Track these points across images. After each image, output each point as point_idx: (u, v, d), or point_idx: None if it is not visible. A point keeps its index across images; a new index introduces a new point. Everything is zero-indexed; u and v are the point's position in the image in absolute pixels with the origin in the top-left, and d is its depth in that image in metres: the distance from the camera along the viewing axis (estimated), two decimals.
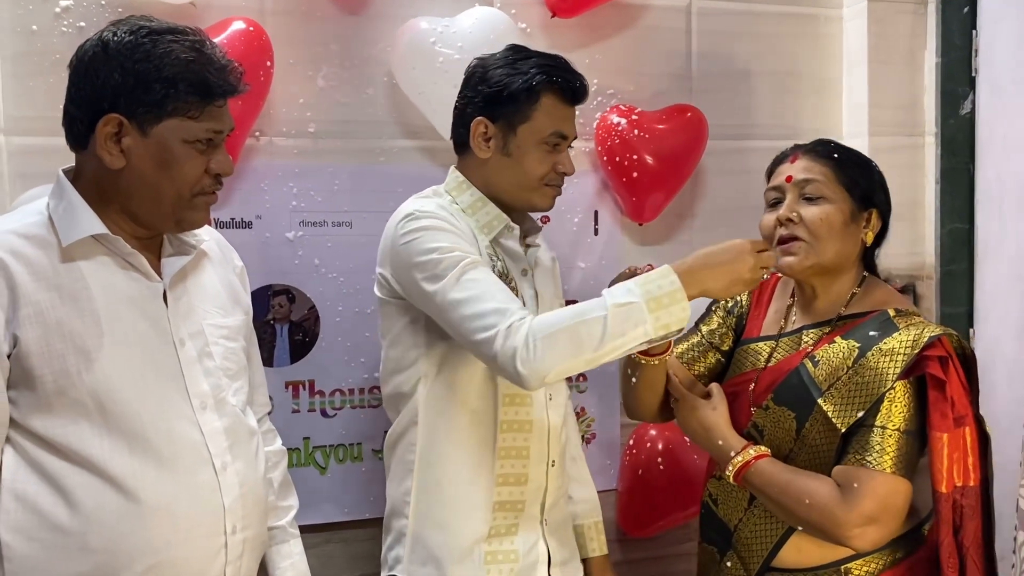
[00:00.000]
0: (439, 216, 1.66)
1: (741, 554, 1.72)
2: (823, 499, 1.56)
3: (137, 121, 1.38)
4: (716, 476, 1.78)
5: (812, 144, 1.74)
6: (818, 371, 1.64)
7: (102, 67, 1.37)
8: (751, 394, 1.73)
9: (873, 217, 1.71)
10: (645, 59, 2.41)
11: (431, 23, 2.12)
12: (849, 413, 1.59)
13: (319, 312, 2.18)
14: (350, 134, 2.19)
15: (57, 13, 1.98)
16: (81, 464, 1.37)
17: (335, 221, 2.19)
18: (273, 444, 1.76)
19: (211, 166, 1.44)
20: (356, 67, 2.19)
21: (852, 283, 1.73)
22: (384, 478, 2.20)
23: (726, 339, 1.85)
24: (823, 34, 2.57)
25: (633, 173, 2.28)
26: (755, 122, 2.52)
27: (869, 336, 1.63)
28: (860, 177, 1.70)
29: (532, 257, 1.83)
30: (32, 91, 1.97)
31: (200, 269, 1.56)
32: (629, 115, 2.30)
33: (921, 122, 2.56)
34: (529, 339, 1.48)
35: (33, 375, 1.35)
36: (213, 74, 1.40)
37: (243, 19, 2.02)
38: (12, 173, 1.96)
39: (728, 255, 1.56)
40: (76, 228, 1.39)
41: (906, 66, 2.54)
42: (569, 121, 1.75)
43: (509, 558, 1.72)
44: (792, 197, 1.69)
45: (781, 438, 1.67)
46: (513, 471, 1.72)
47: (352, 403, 2.22)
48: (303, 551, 1.75)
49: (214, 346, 1.52)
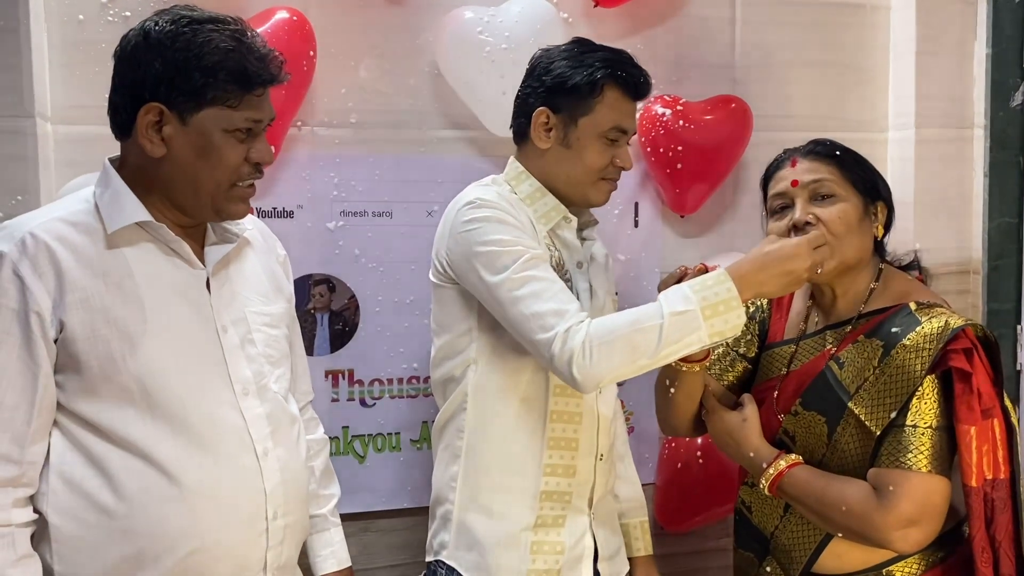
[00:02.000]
0: (500, 207, 1.65)
1: (780, 560, 1.70)
2: (860, 504, 1.54)
3: (177, 110, 1.38)
4: (748, 483, 1.76)
5: (809, 145, 1.71)
6: (844, 373, 1.62)
7: (143, 56, 1.38)
8: (776, 400, 1.71)
9: (880, 209, 1.69)
10: (688, 49, 2.39)
11: (476, 12, 2.11)
12: (881, 414, 1.57)
13: (359, 302, 2.19)
14: (392, 124, 2.19)
15: (103, 3, 1.99)
16: (125, 448, 1.39)
17: (376, 211, 2.19)
18: (315, 432, 1.77)
19: (251, 155, 1.44)
20: (399, 57, 2.18)
21: (870, 278, 1.70)
22: (421, 467, 2.23)
23: (751, 346, 1.82)
24: (870, 24, 2.53)
25: (677, 164, 2.25)
26: (799, 113, 2.48)
27: (892, 333, 1.60)
28: (863, 171, 1.68)
29: (588, 251, 1.81)
30: (78, 80, 1.98)
31: (243, 257, 1.57)
32: (674, 105, 2.28)
33: (970, 114, 2.51)
34: (587, 345, 1.49)
35: (79, 360, 1.37)
36: (252, 63, 1.40)
37: (287, 8, 2.02)
38: (59, 161, 1.98)
39: (785, 254, 1.55)
40: (121, 215, 1.41)
41: (955, 57, 2.49)
42: (630, 116, 1.74)
43: (555, 549, 1.71)
44: (802, 201, 1.65)
45: (813, 444, 1.65)
46: (561, 462, 1.71)
47: (391, 393, 2.22)
48: (344, 539, 1.76)
49: (256, 333, 1.53)
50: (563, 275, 1.70)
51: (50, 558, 1.39)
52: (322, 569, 1.73)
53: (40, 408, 1.37)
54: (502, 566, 1.69)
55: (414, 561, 2.26)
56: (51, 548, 1.39)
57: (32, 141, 1.90)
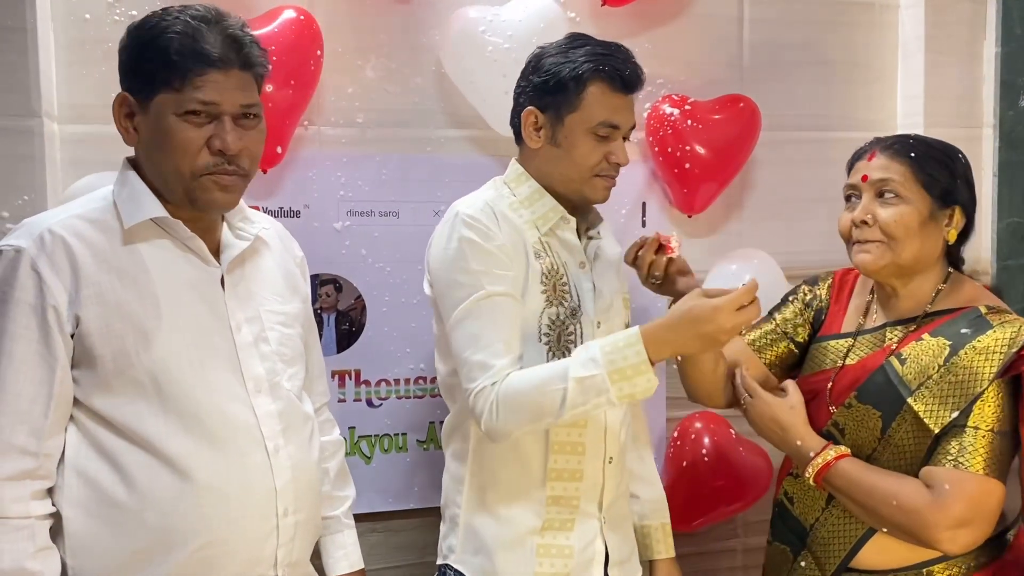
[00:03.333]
0: (481, 226, 1.65)
1: (816, 554, 1.69)
2: (912, 501, 1.53)
3: (137, 97, 1.42)
4: (793, 474, 1.75)
5: (892, 140, 1.68)
6: (906, 369, 1.60)
7: (122, 49, 1.44)
8: (829, 392, 1.69)
9: (956, 214, 1.65)
10: (696, 48, 2.38)
11: (481, 12, 2.10)
12: (942, 413, 1.56)
13: (366, 302, 2.18)
14: (398, 123, 2.18)
15: (110, 2, 1.99)
16: (138, 443, 1.40)
17: (382, 211, 2.18)
18: (331, 434, 1.77)
19: (211, 142, 1.41)
20: (405, 56, 2.18)
21: (936, 280, 1.68)
22: (428, 468, 2.22)
23: (801, 330, 1.81)
24: (879, 22, 2.52)
25: (685, 164, 2.25)
26: (808, 112, 2.47)
27: (961, 334, 1.58)
28: (940, 174, 1.63)
29: (593, 250, 1.80)
30: (85, 79, 1.98)
31: (259, 256, 1.58)
32: (682, 105, 2.27)
33: (979, 114, 2.50)
34: (494, 406, 1.56)
35: (94, 355, 1.39)
36: (201, 44, 1.38)
37: (294, 7, 2.01)
38: (65, 160, 1.98)
39: (701, 316, 1.49)
40: (137, 211, 1.44)
41: (964, 56, 2.49)
42: (621, 111, 1.69)
43: (563, 553, 1.70)
44: (868, 197, 1.65)
45: (864, 437, 1.64)
46: (568, 467, 1.70)
47: (398, 393, 2.22)
48: (357, 541, 1.76)
49: (270, 331, 1.55)
50: (559, 279, 1.70)
51: (63, 552, 1.40)
52: (335, 570, 1.73)
53: (57, 401, 1.38)
54: (508, 570, 1.69)
55: (420, 562, 2.26)
56: (64, 542, 1.40)
57: (39, 140, 1.89)
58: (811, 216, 2.47)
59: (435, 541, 2.27)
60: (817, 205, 2.46)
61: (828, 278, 1.85)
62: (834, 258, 2.00)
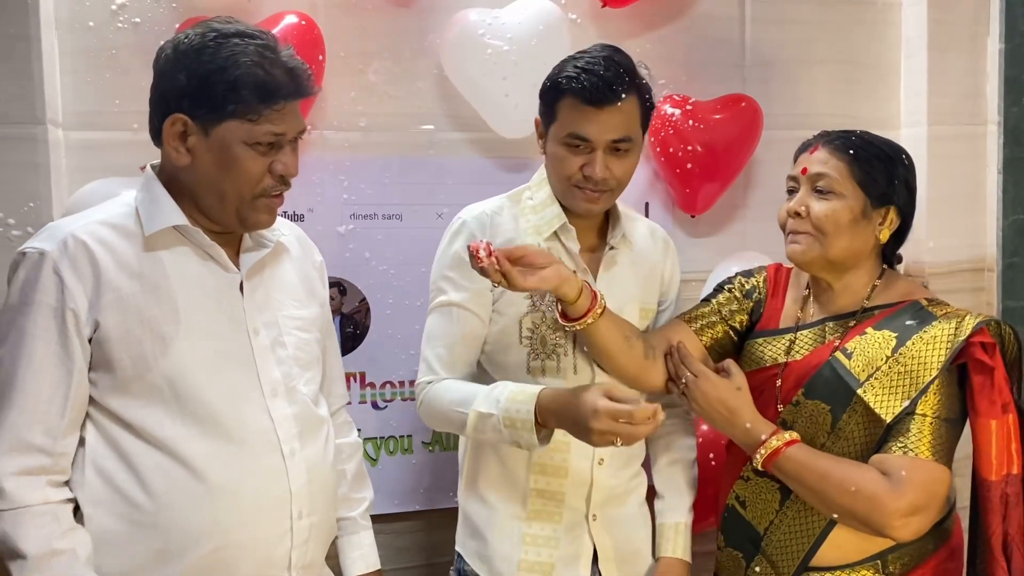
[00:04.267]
0: (466, 234, 1.75)
1: (772, 558, 1.68)
2: (870, 487, 1.53)
3: (200, 122, 1.41)
4: (743, 477, 1.74)
5: (835, 135, 1.69)
6: (853, 363, 1.62)
7: (171, 68, 1.42)
8: (779, 390, 1.70)
9: (891, 214, 1.66)
10: (698, 48, 2.38)
11: (481, 14, 2.11)
12: (893, 403, 1.57)
13: (370, 304, 2.19)
14: (400, 127, 2.19)
15: (113, 9, 2.00)
16: (154, 445, 1.42)
17: (385, 214, 2.19)
18: (349, 436, 1.78)
19: (274, 167, 1.46)
20: (406, 60, 2.19)
21: (870, 276, 1.70)
22: (433, 470, 2.24)
23: (739, 317, 1.81)
24: (881, 20, 2.51)
25: (687, 164, 2.25)
26: (810, 111, 2.47)
27: (906, 325, 1.61)
28: (879, 174, 1.64)
29: (605, 259, 1.79)
30: (89, 86, 2.00)
31: (279, 262, 1.60)
32: (684, 105, 2.27)
33: (983, 110, 2.49)
34: (422, 403, 1.76)
35: (112, 358, 1.41)
36: (275, 77, 1.41)
37: (295, 13, 2.03)
38: (70, 167, 2.00)
39: (582, 411, 1.50)
40: (159, 219, 1.45)
41: (968, 53, 2.48)
42: (591, 124, 1.64)
43: (548, 544, 1.76)
44: (805, 190, 1.67)
45: (814, 432, 1.64)
46: (551, 462, 1.75)
47: (403, 395, 2.23)
48: (374, 542, 1.78)
49: (287, 336, 1.56)
50: None
51: None
52: (352, 571, 1.74)
53: (73, 403, 1.40)
54: (497, 553, 1.77)
55: (426, 563, 2.27)
56: None
57: (43, 147, 1.91)
58: None
59: (441, 542, 2.29)
60: None
61: (762, 272, 1.85)
62: None
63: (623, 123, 1.66)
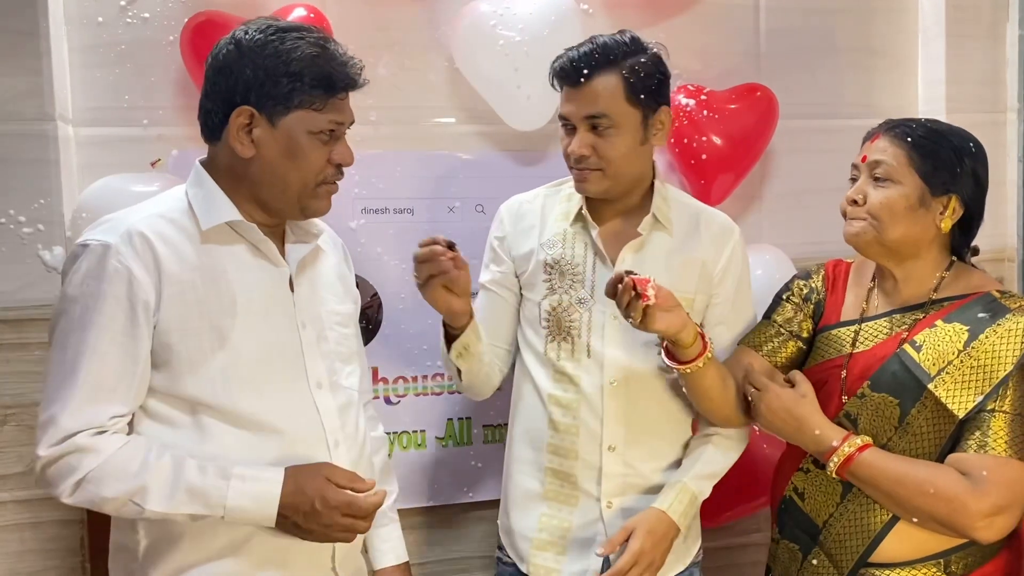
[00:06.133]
0: (497, 221, 1.88)
1: (830, 551, 1.66)
2: (951, 488, 1.51)
3: (267, 113, 1.45)
4: (803, 469, 1.72)
5: (897, 122, 1.68)
6: (923, 356, 1.59)
7: (235, 63, 1.45)
8: (843, 382, 1.67)
9: (952, 203, 1.63)
10: (712, 37, 2.36)
11: (492, 5, 2.09)
12: (966, 398, 1.54)
13: (382, 299, 2.18)
14: (411, 121, 2.18)
15: (122, 5, 2.00)
16: (204, 436, 1.45)
17: (397, 208, 2.18)
18: (376, 430, 1.80)
19: (333, 156, 1.51)
20: (417, 52, 2.17)
21: (936, 267, 1.67)
22: (447, 464, 2.24)
23: (805, 326, 1.79)
24: (898, 7, 2.48)
25: (702, 155, 2.22)
26: (826, 100, 2.44)
27: (979, 318, 1.57)
28: (940, 162, 1.61)
29: (631, 244, 1.78)
30: (99, 82, 2.00)
31: (318, 258, 1.64)
32: (698, 95, 2.25)
33: (1003, 98, 2.46)
34: None
35: (171, 351, 1.43)
36: (336, 68, 1.48)
37: (304, 5, 2.02)
38: (81, 163, 2.00)
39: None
40: (215, 214, 1.48)
41: (986, 39, 2.45)
42: (569, 103, 1.72)
43: (562, 524, 1.79)
44: (864, 178, 1.66)
45: (880, 426, 1.61)
46: (563, 444, 1.78)
47: (415, 390, 2.21)
48: (401, 535, 1.79)
49: (329, 331, 1.60)
50: (572, 269, 1.78)
51: (138, 530, 1.46)
52: (381, 563, 1.76)
53: (136, 392, 1.42)
54: (516, 528, 1.83)
55: (441, 559, 2.26)
56: (139, 525, 1.45)
57: (54, 144, 1.91)
58: (831, 206, 2.40)
59: (456, 537, 2.28)
60: (837, 195, 2.40)
61: (820, 270, 1.84)
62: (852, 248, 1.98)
63: (597, 100, 1.70)
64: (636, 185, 1.79)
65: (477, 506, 2.26)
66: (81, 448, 1.37)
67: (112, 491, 1.37)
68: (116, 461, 1.38)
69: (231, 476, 1.40)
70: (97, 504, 1.39)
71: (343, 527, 1.46)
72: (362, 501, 1.46)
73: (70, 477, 1.37)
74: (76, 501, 1.39)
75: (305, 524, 1.44)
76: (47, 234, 1.92)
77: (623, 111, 1.70)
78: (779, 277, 2.18)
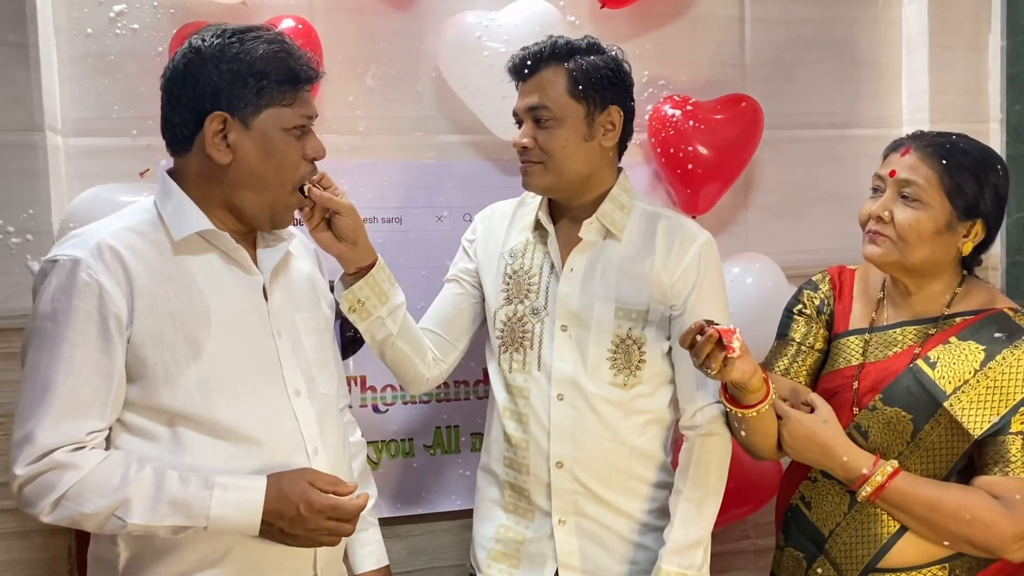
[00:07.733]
0: (474, 223, 1.93)
1: (836, 560, 1.67)
2: (987, 514, 1.52)
3: (239, 116, 1.45)
4: (811, 478, 1.72)
5: (929, 138, 1.64)
6: (937, 373, 1.59)
7: (199, 71, 1.45)
8: (855, 393, 1.67)
9: (977, 227, 1.62)
10: (697, 48, 2.37)
11: (478, 17, 2.10)
12: (983, 417, 1.55)
13: None
14: (399, 131, 2.19)
15: (112, 17, 2.01)
16: (181, 448, 1.44)
17: (385, 217, 2.19)
18: (353, 435, 1.80)
19: (307, 151, 1.52)
20: (404, 63, 2.19)
21: (950, 283, 1.67)
22: (435, 473, 2.23)
23: (820, 335, 1.78)
24: (882, 18, 2.50)
25: (688, 164, 2.24)
26: (812, 110, 2.46)
27: (995, 338, 1.58)
28: (969, 185, 1.59)
29: (575, 250, 1.76)
30: (88, 93, 2.01)
31: (290, 265, 1.63)
32: (684, 105, 2.26)
33: (986, 108, 2.48)
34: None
35: (146, 364, 1.42)
36: (297, 62, 1.49)
37: (293, 17, 2.03)
38: (70, 174, 2.00)
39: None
40: (186, 224, 1.47)
41: (970, 50, 2.46)
42: (520, 97, 1.76)
43: (517, 537, 1.80)
44: (891, 193, 1.62)
45: (891, 440, 1.62)
46: (515, 458, 1.79)
47: (403, 399, 2.22)
48: (381, 539, 1.80)
49: (305, 337, 1.59)
50: (528, 279, 1.80)
51: (118, 543, 1.45)
52: (361, 567, 1.76)
53: (111, 408, 1.41)
54: (476, 537, 1.87)
55: (429, 567, 2.26)
56: (119, 538, 1.44)
57: (42, 154, 1.92)
58: (817, 215, 2.46)
59: (444, 545, 2.28)
60: (823, 204, 2.46)
61: (825, 277, 1.82)
62: (840, 256, 1.99)
63: (538, 92, 1.71)
64: (586, 187, 1.75)
65: (465, 514, 2.26)
66: (60, 464, 1.35)
67: (93, 507, 1.35)
68: (96, 476, 1.36)
69: (214, 486, 1.40)
70: (77, 522, 1.37)
71: (328, 531, 1.46)
72: (347, 504, 1.46)
73: (50, 495, 1.35)
74: (55, 520, 1.36)
75: (290, 530, 1.44)
76: (36, 244, 1.92)
77: (564, 103, 1.70)
78: (771, 285, 2.21)
